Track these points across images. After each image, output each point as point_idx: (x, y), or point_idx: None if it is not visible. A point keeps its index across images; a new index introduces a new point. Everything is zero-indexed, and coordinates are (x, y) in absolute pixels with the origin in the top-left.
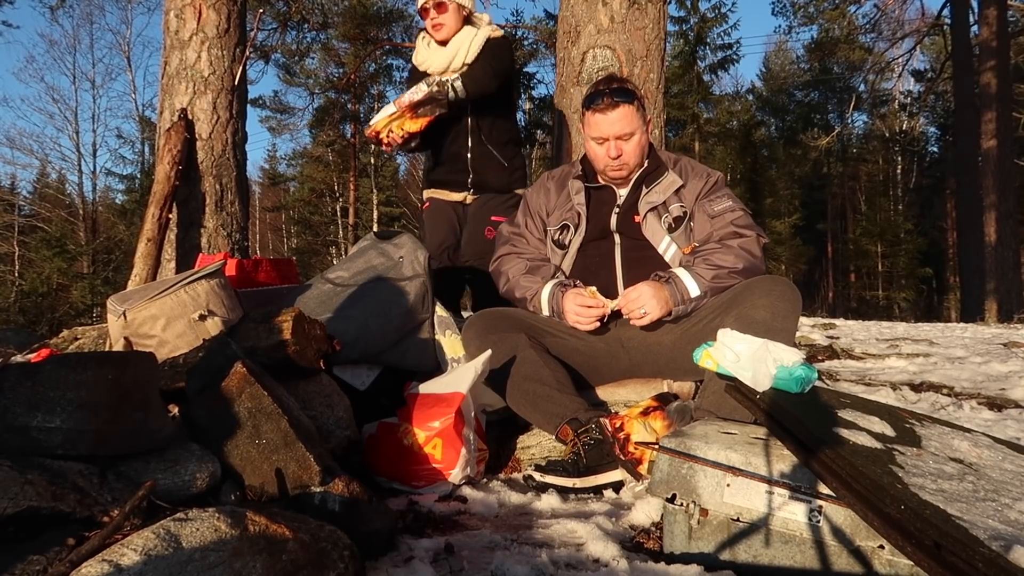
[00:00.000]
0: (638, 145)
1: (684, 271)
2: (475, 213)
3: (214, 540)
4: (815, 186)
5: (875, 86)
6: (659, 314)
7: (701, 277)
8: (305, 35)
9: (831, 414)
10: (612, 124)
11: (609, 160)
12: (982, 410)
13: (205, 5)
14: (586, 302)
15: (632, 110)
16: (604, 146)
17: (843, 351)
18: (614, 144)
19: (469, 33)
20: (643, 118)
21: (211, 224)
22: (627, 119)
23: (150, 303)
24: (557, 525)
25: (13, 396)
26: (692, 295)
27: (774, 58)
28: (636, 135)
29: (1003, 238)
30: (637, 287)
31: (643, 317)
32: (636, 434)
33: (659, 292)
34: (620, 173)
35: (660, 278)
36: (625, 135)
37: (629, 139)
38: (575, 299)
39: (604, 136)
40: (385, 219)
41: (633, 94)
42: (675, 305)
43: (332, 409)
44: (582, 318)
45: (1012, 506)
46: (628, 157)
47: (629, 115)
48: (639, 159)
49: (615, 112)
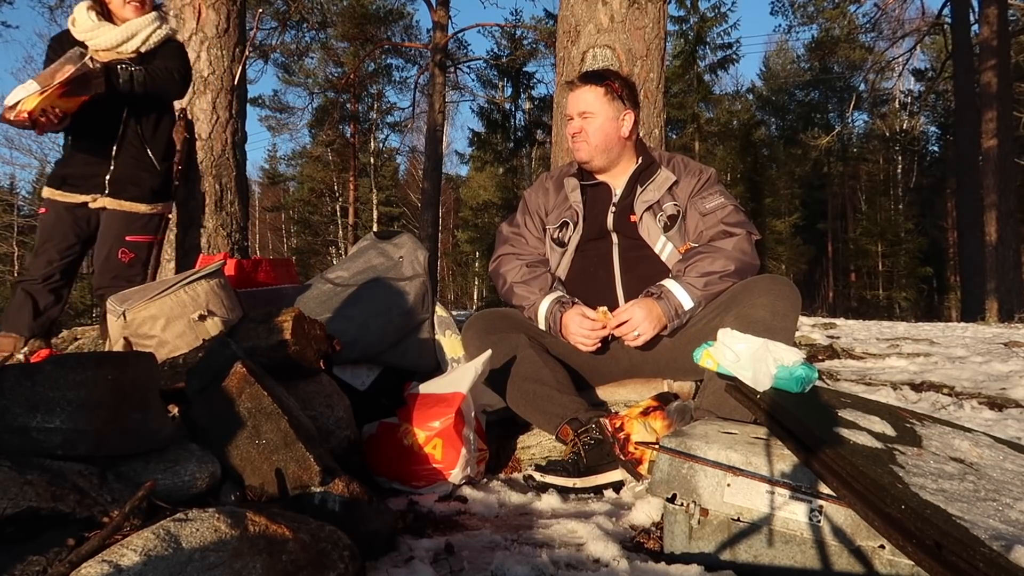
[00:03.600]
0: (599, 129)
1: (675, 283)
2: (107, 230)
3: (214, 540)
4: (815, 186)
5: (875, 85)
6: (653, 333)
7: (693, 287)
8: (304, 35)
9: (832, 414)
10: (575, 100)
11: (569, 137)
12: (983, 410)
13: (204, 5)
14: (589, 324)
15: (598, 91)
16: (570, 124)
17: (843, 351)
18: (576, 122)
19: (151, 21)
20: (613, 107)
21: (211, 224)
22: (589, 98)
23: (150, 303)
24: (557, 525)
25: (12, 396)
26: (686, 308)
27: (774, 58)
28: (599, 118)
29: (1004, 237)
30: (629, 310)
31: (637, 339)
32: (636, 434)
33: (651, 312)
34: (580, 154)
35: (652, 295)
36: (587, 113)
37: (589, 119)
38: (581, 323)
39: (569, 113)
40: (385, 219)
41: (605, 80)
42: (669, 320)
43: (332, 409)
44: (588, 341)
45: (1013, 506)
46: (587, 136)
47: (593, 95)
48: (599, 144)
49: (581, 89)
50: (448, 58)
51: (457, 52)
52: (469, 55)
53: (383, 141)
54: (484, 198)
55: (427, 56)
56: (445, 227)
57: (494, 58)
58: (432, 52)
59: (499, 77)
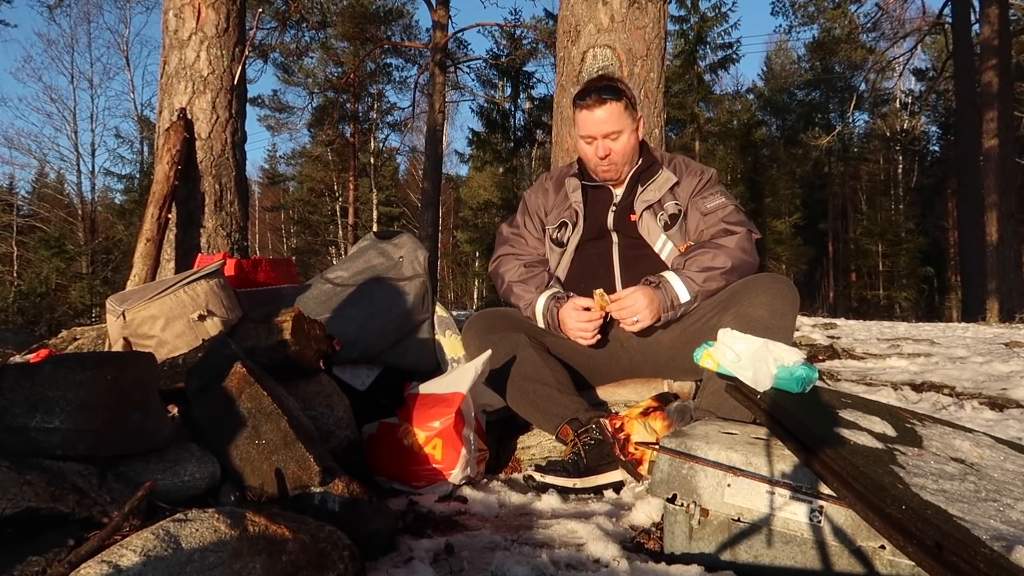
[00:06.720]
0: (627, 144)
1: (674, 275)
2: None
3: (214, 541)
4: (816, 186)
5: (876, 85)
6: (650, 321)
7: (692, 281)
8: (304, 34)
9: (832, 414)
10: (599, 122)
11: (598, 160)
12: (983, 410)
13: (204, 4)
14: (586, 316)
15: (619, 108)
16: (592, 146)
17: (844, 351)
18: (602, 144)
19: None
20: (632, 116)
21: (210, 224)
22: (613, 117)
23: (149, 303)
24: (557, 525)
25: (12, 396)
26: (682, 300)
27: (775, 57)
28: (624, 134)
29: (1004, 237)
30: (632, 293)
31: (635, 324)
32: (636, 434)
33: (652, 299)
34: (609, 174)
35: (651, 283)
36: (612, 134)
37: (617, 138)
38: (577, 316)
39: (592, 135)
40: (385, 219)
41: (621, 92)
42: (664, 311)
43: (332, 409)
44: (587, 334)
45: (1014, 506)
46: (616, 157)
47: (616, 113)
48: (628, 158)
49: (601, 109)
50: (448, 58)
51: (457, 52)
52: (469, 55)
53: (383, 141)
54: (484, 198)
55: (427, 56)
56: (445, 227)
57: (494, 58)
58: (432, 52)
59: (499, 77)
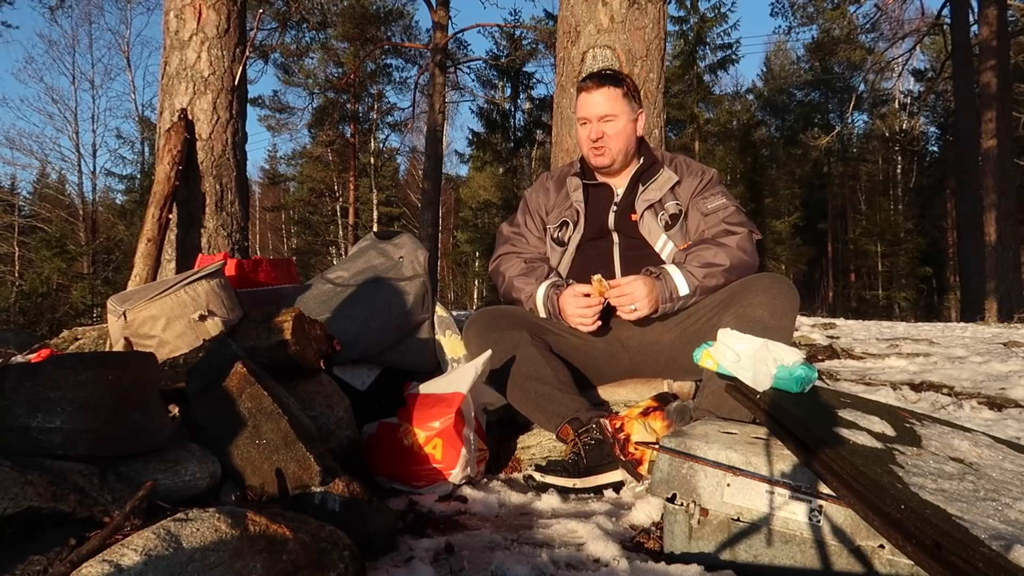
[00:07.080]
0: (621, 131)
1: (675, 269)
2: None
3: (214, 540)
4: (815, 186)
5: (875, 86)
6: (648, 310)
7: (692, 275)
8: (304, 35)
9: (831, 414)
10: (595, 104)
11: (590, 143)
12: (982, 409)
13: (205, 5)
14: (584, 302)
15: (617, 93)
16: (587, 127)
17: (843, 351)
18: (596, 126)
19: None
20: (631, 107)
21: (211, 224)
22: (610, 100)
23: (150, 303)
24: (557, 525)
25: (13, 396)
26: (680, 293)
27: (774, 58)
28: (620, 120)
29: (1003, 238)
30: (632, 281)
31: (633, 313)
32: (636, 434)
33: (652, 288)
34: (601, 159)
35: (651, 273)
36: (607, 116)
37: (611, 121)
38: (576, 302)
39: (587, 117)
40: (385, 219)
41: (622, 80)
42: (662, 303)
43: (332, 409)
44: (586, 319)
45: (1012, 506)
46: (608, 141)
47: (613, 97)
48: (622, 147)
49: (599, 92)
50: (448, 58)
51: (457, 52)
52: (469, 55)
53: (383, 141)
54: (484, 198)
55: (427, 56)
56: (445, 227)
57: (494, 58)
58: (432, 52)
59: (499, 77)
